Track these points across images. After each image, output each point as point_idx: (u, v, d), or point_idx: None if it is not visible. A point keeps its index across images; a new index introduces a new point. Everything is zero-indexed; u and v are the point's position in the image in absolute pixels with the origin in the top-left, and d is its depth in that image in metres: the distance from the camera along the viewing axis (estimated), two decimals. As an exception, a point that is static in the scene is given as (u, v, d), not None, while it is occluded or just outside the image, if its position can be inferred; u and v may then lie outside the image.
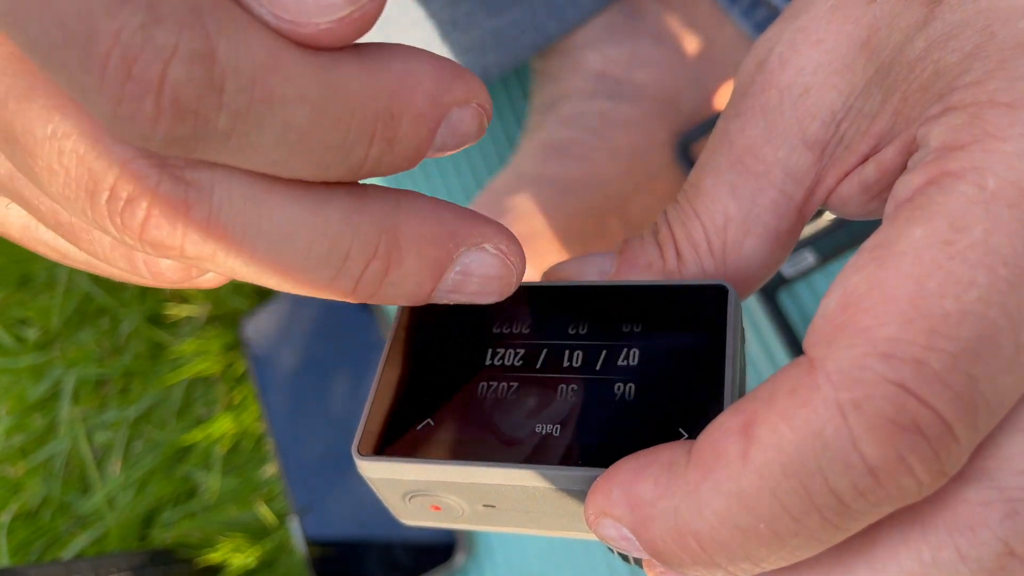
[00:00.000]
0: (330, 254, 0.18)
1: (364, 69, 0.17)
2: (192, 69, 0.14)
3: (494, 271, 0.20)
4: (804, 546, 0.16)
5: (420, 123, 0.17)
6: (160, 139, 0.15)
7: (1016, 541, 0.15)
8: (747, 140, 0.22)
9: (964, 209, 0.15)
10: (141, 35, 0.14)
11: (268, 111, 0.15)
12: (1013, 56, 0.17)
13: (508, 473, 0.20)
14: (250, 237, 0.17)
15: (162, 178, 0.16)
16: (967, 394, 0.15)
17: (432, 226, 0.19)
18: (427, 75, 0.17)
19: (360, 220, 0.18)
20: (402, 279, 0.19)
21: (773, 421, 0.15)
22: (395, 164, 0.18)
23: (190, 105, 0.15)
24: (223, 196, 0.17)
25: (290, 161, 0.16)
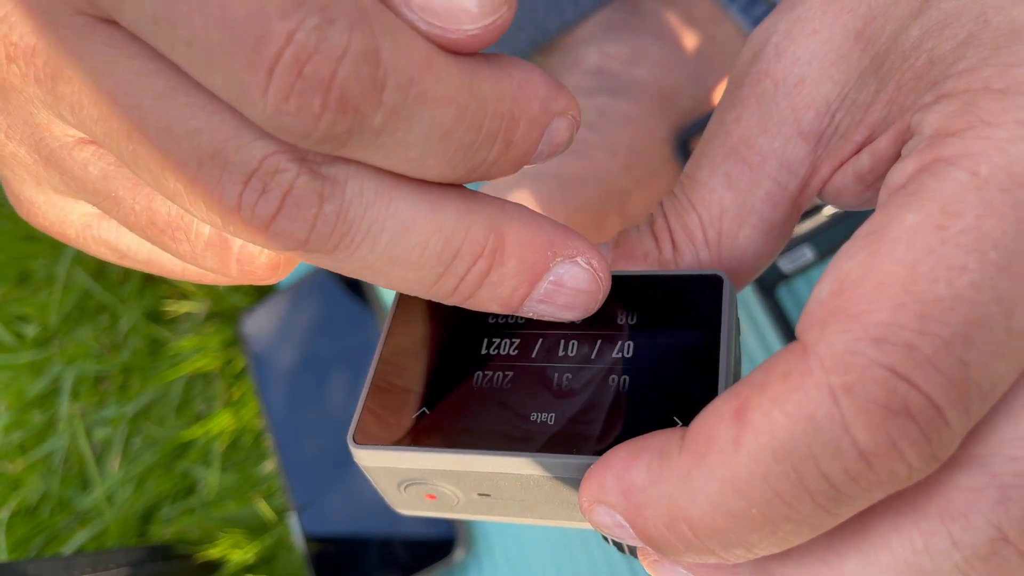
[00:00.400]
0: (443, 250, 0.19)
1: (494, 73, 0.18)
2: (360, 68, 0.15)
3: (584, 285, 0.21)
4: (796, 531, 0.16)
5: (533, 127, 0.19)
6: (319, 134, 0.16)
7: (1009, 527, 0.15)
8: (742, 131, 0.22)
9: (957, 195, 0.15)
10: (316, 35, 0.15)
11: (419, 110, 0.16)
12: (1007, 43, 0.17)
13: (503, 461, 0.20)
14: (374, 232, 0.18)
15: (301, 171, 0.17)
16: (958, 379, 0.15)
17: (534, 233, 0.20)
18: (540, 84, 0.19)
19: (473, 219, 0.19)
20: (500, 280, 0.20)
21: (765, 406, 0.15)
22: (505, 168, 0.19)
23: (354, 102, 0.16)
24: (355, 191, 0.18)
25: (426, 159, 0.17)
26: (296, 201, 0.17)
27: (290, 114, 0.15)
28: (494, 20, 0.17)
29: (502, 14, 0.17)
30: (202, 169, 0.17)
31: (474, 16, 0.17)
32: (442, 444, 0.21)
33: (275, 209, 0.17)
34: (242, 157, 0.17)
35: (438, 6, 0.16)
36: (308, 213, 0.17)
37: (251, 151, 0.17)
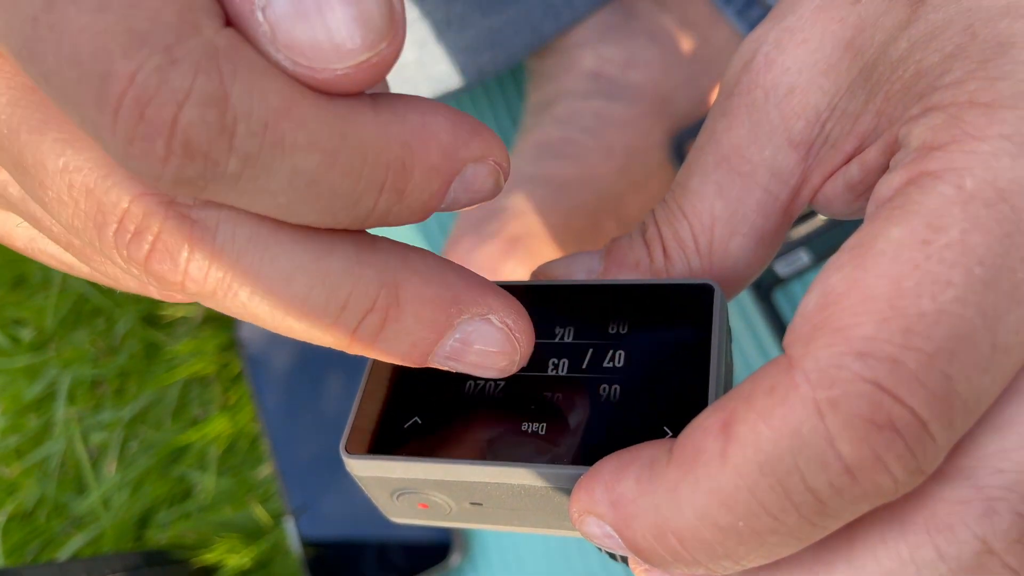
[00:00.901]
0: (328, 302, 0.17)
1: (378, 119, 0.17)
2: (205, 112, 0.14)
3: (495, 345, 0.19)
4: (783, 544, 0.16)
5: (432, 177, 0.17)
6: (169, 179, 0.15)
7: (994, 538, 0.16)
8: (733, 140, 0.22)
9: (942, 209, 0.15)
10: (156, 77, 0.14)
11: (278, 156, 0.15)
12: (994, 56, 0.17)
13: (494, 471, 0.20)
14: (250, 278, 0.17)
15: (168, 215, 0.16)
16: (943, 393, 0.15)
17: (436, 288, 0.19)
18: (443, 129, 0.17)
19: (361, 271, 0.18)
20: (398, 336, 0.18)
21: (752, 420, 0.16)
22: (403, 216, 0.18)
23: (200, 148, 0.15)
24: (227, 236, 0.17)
25: (297, 206, 0.16)
26: (165, 245, 0.17)
27: (136, 157, 0.15)
28: (368, 58, 0.16)
29: (379, 51, 0.16)
30: (78, 207, 0.17)
31: (343, 54, 0.15)
32: (434, 454, 0.21)
33: (146, 253, 0.17)
34: (111, 198, 0.16)
35: (303, 43, 0.15)
36: (179, 258, 0.17)
37: (119, 192, 0.16)
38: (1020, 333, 0.15)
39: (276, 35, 0.15)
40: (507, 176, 0.19)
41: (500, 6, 0.48)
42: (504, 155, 0.19)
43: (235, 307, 0.18)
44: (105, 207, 0.16)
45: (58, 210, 0.17)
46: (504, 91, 0.64)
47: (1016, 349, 0.15)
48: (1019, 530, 0.16)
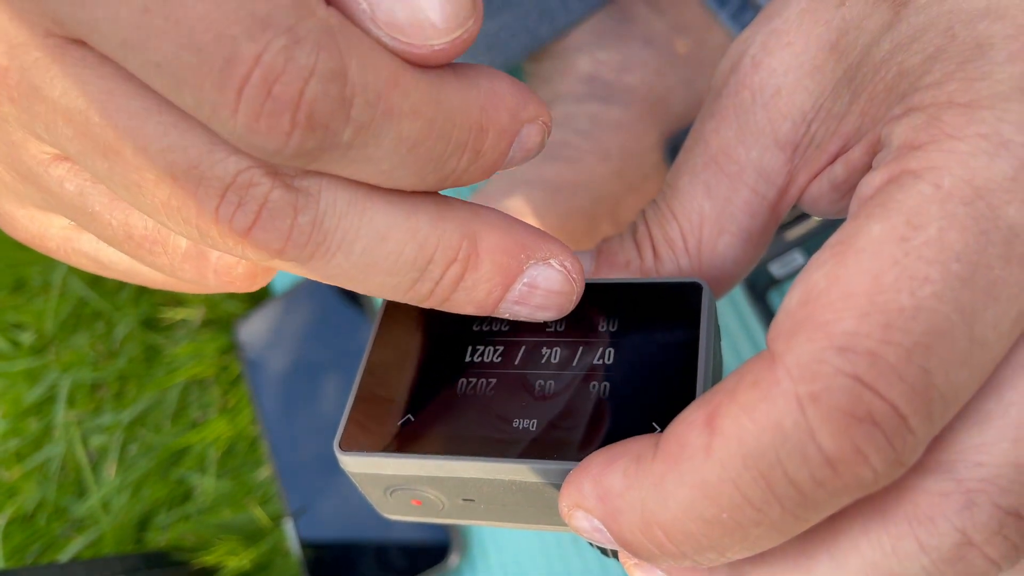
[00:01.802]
0: (417, 257, 0.19)
1: (461, 85, 0.18)
2: (328, 87, 0.16)
3: (557, 286, 0.21)
4: (767, 536, 0.16)
5: (503, 136, 0.19)
6: (290, 151, 0.16)
7: (973, 530, 0.16)
8: (721, 141, 0.22)
9: (921, 207, 0.16)
10: (283, 56, 0.15)
11: (388, 124, 0.17)
12: (972, 57, 0.17)
13: (486, 467, 0.21)
14: (348, 240, 0.18)
15: (275, 185, 0.17)
16: (921, 386, 0.15)
17: (507, 237, 0.20)
18: (508, 92, 0.19)
19: (445, 226, 0.19)
20: (475, 284, 0.20)
21: (735, 414, 0.16)
22: (475, 175, 0.19)
23: (322, 120, 0.16)
24: (329, 202, 0.18)
25: (396, 171, 0.18)
26: (271, 213, 0.18)
27: (261, 133, 0.16)
28: (460, 34, 0.17)
29: (467, 27, 0.17)
30: (178, 185, 0.17)
31: (439, 31, 0.17)
32: (426, 450, 0.21)
33: (251, 221, 0.18)
34: (216, 173, 0.17)
35: (403, 22, 0.17)
36: (283, 224, 0.18)
37: (225, 167, 0.17)
38: (997, 328, 0.15)
39: (376, 14, 0.17)
40: (550, 133, 0.21)
41: (496, 10, 0.48)
42: (549, 114, 0.20)
43: (328, 269, 0.19)
44: (209, 182, 0.17)
45: (153, 192, 0.18)
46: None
47: (994, 344, 0.15)
48: (998, 522, 0.16)
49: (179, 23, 0.15)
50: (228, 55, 0.15)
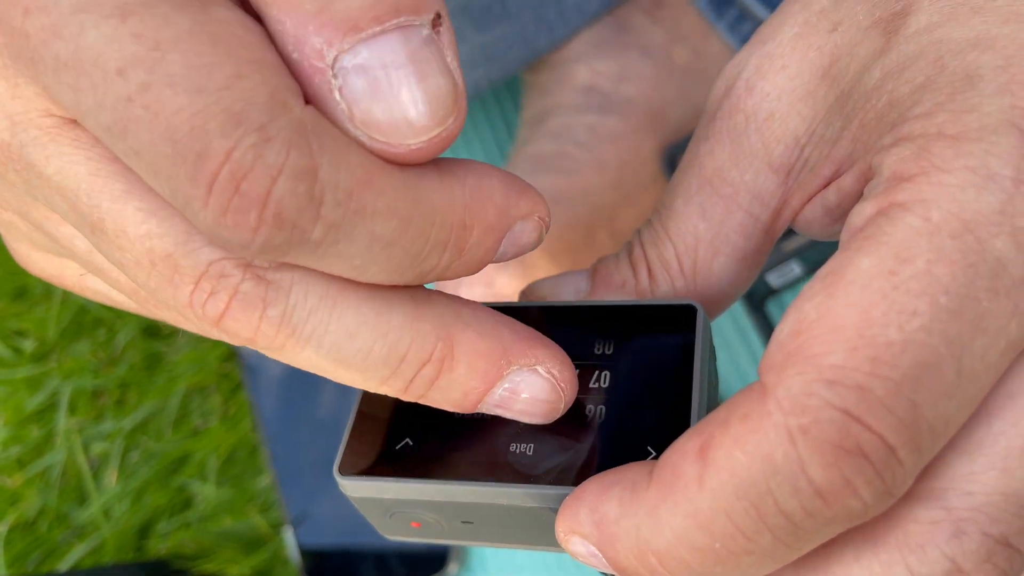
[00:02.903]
0: (388, 356, 0.19)
1: (443, 183, 0.18)
2: (297, 185, 0.15)
3: (542, 394, 0.20)
4: (759, 564, 0.16)
5: (489, 234, 0.19)
6: (257, 247, 0.16)
7: (963, 559, 0.16)
8: (715, 163, 0.22)
9: (909, 240, 0.16)
10: (252, 154, 0.15)
11: (360, 223, 0.16)
12: (961, 89, 0.17)
13: (483, 492, 0.21)
14: (318, 335, 0.18)
15: (245, 277, 0.17)
16: (910, 419, 0.15)
17: (488, 341, 0.20)
18: (497, 190, 0.19)
19: (420, 326, 0.19)
20: (451, 385, 0.20)
21: (727, 445, 0.16)
22: (459, 271, 0.19)
23: (290, 218, 0.16)
24: (299, 296, 0.18)
25: (369, 267, 0.17)
26: (241, 304, 0.17)
27: (228, 227, 0.16)
28: (439, 133, 0.17)
29: (447, 126, 0.17)
30: (155, 269, 0.18)
31: (417, 131, 0.17)
32: (425, 475, 0.21)
33: (221, 311, 0.18)
34: (190, 262, 0.17)
35: (381, 121, 0.16)
36: (253, 316, 0.18)
37: (199, 256, 0.17)
38: (985, 360, 0.16)
39: (353, 113, 0.16)
40: (548, 229, 0.20)
41: (494, 22, 0.48)
42: (546, 210, 0.20)
43: (299, 360, 0.19)
44: (183, 270, 0.17)
45: (134, 271, 0.18)
46: (501, 104, 0.64)
47: (982, 375, 0.16)
48: (987, 550, 0.16)
49: (157, 115, 0.15)
50: (200, 149, 0.15)
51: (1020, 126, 0.16)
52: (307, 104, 0.16)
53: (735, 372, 0.52)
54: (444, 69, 0.17)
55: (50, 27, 0.16)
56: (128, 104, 0.15)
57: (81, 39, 0.15)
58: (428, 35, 0.16)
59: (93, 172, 0.17)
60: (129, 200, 0.17)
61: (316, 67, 0.16)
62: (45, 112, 0.17)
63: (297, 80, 0.16)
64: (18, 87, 0.17)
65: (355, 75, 0.16)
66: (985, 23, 0.18)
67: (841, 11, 0.21)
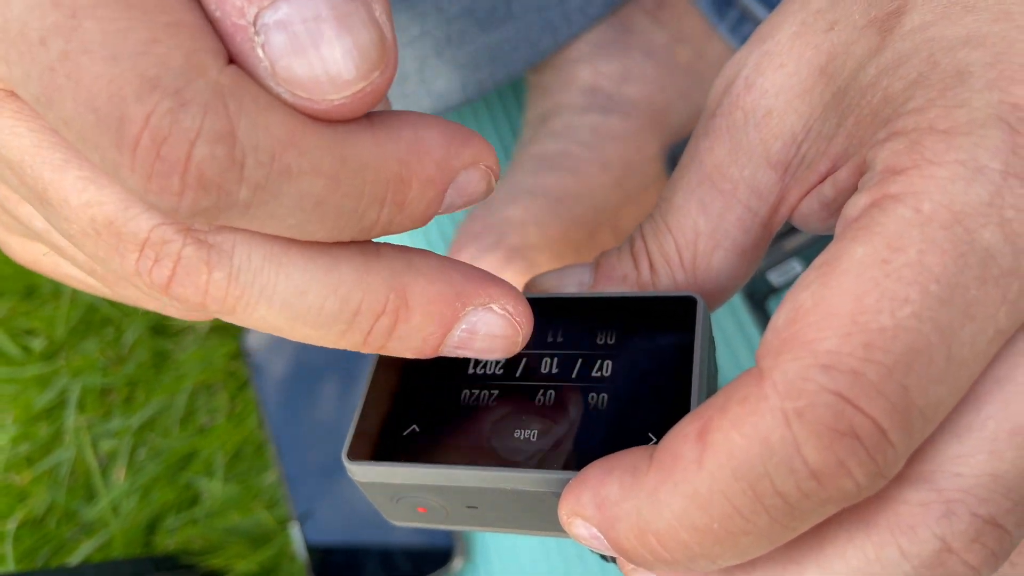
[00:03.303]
0: (341, 310, 0.19)
1: (375, 139, 0.18)
2: (215, 148, 0.15)
3: (499, 330, 0.21)
4: (755, 544, 0.17)
5: (429, 187, 0.19)
6: (185, 211, 0.16)
7: (953, 538, 0.17)
8: (715, 159, 0.23)
9: (901, 230, 0.16)
10: (169, 119, 0.15)
11: (285, 183, 0.16)
12: (952, 85, 0.18)
13: (488, 476, 0.21)
14: (267, 294, 0.18)
15: (186, 241, 0.18)
16: (901, 403, 0.16)
17: (440, 285, 0.20)
18: (435, 143, 0.19)
19: (370, 279, 0.19)
20: (409, 334, 0.20)
21: (725, 428, 0.17)
22: (405, 224, 0.19)
23: (213, 180, 0.16)
24: (242, 257, 0.18)
25: (306, 226, 0.17)
26: (185, 269, 0.18)
27: (154, 192, 0.16)
28: (363, 88, 0.17)
29: (372, 80, 0.17)
30: (100, 238, 0.18)
31: (339, 85, 0.16)
32: (431, 460, 0.22)
33: (167, 277, 0.18)
34: (131, 229, 0.18)
35: (303, 77, 0.16)
36: (199, 280, 0.18)
37: (139, 223, 0.17)
38: (974, 346, 0.16)
39: (275, 70, 0.16)
40: (497, 177, 0.20)
41: (498, 23, 0.49)
42: (493, 158, 0.20)
43: (253, 321, 0.19)
44: (126, 237, 0.18)
45: (82, 241, 0.18)
46: (505, 104, 0.65)
47: (971, 361, 0.16)
48: (976, 530, 0.17)
49: (79, 83, 0.15)
50: (120, 116, 0.15)
51: (1008, 120, 0.17)
52: (230, 64, 0.16)
53: (736, 367, 0.53)
54: (370, 20, 0.16)
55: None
56: (52, 73, 0.15)
57: (8, 10, 0.16)
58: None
59: (35, 143, 0.18)
60: (68, 169, 0.17)
61: (238, 25, 0.16)
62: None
63: (221, 39, 0.16)
64: None
65: (276, 31, 0.16)
66: (976, 21, 0.18)
67: (838, 10, 0.22)
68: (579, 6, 0.50)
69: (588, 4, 0.50)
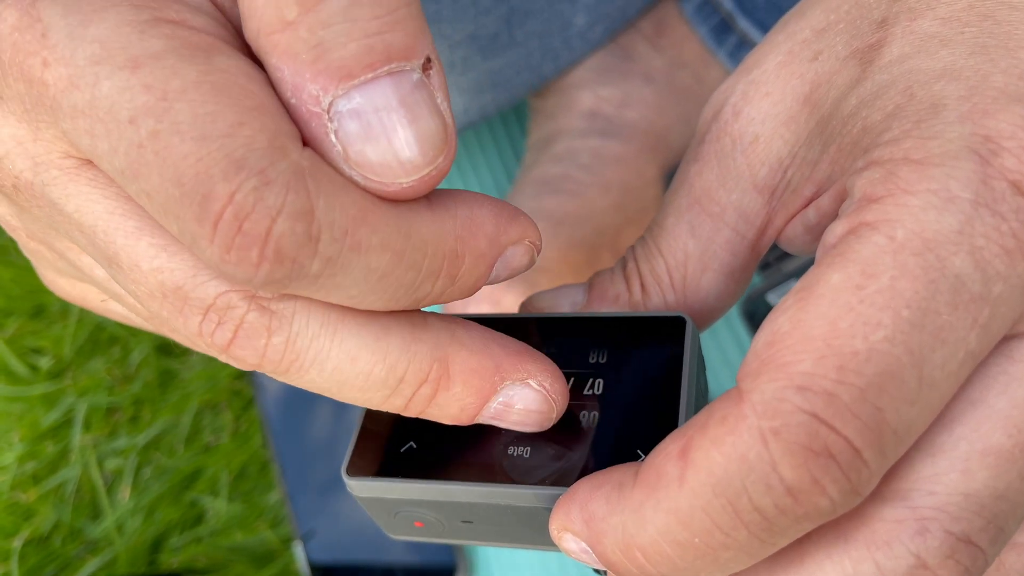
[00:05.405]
0: (388, 377, 0.20)
1: (435, 216, 0.19)
2: (295, 225, 0.16)
3: (534, 406, 0.22)
4: (736, 559, 0.17)
5: (480, 261, 0.20)
6: (259, 281, 0.17)
7: (927, 555, 0.17)
8: (704, 183, 0.24)
9: (875, 257, 0.17)
10: (253, 197, 0.16)
11: (355, 257, 0.17)
12: (927, 116, 0.18)
13: (482, 492, 0.22)
14: (320, 360, 0.19)
15: (250, 308, 0.19)
16: (874, 423, 0.16)
17: (481, 358, 0.21)
18: (488, 219, 0.20)
19: (417, 348, 0.20)
20: (448, 402, 0.21)
21: (706, 446, 0.17)
22: (454, 296, 0.20)
23: (289, 254, 0.17)
24: (301, 324, 0.19)
25: (366, 296, 0.18)
26: (247, 333, 0.19)
27: (232, 264, 0.17)
28: (429, 171, 0.18)
29: (437, 165, 0.18)
30: (167, 300, 0.19)
31: (409, 170, 0.18)
32: (428, 476, 0.22)
33: (229, 339, 0.19)
34: (199, 295, 0.19)
35: (374, 162, 0.17)
36: (258, 343, 0.19)
37: (206, 289, 0.19)
38: (945, 369, 0.17)
39: (348, 154, 0.17)
40: (540, 252, 0.21)
41: (501, 49, 0.50)
42: (537, 234, 0.21)
43: (304, 382, 0.20)
44: (192, 301, 0.19)
45: (148, 301, 0.19)
46: (507, 127, 0.66)
47: (942, 383, 0.17)
48: (950, 547, 0.17)
49: (166, 160, 0.16)
50: (206, 192, 0.16)
51: (979, 152, 0.17)
52: (305, 146, 0.17)
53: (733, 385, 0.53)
54: (434, 110, 0.18)
55: (67, 78, 0.17)
56: (140, 150, 0.16)
57: (96, 89, 0.17)
58: (419, 79, 0.17)
59: (109, 210, 0.19)
60: (142, 237, 0.19)
61: (313, 112, 0.17)
62: (64, 154, 0.19)
63: (295, 123, 0.17)
64: (39, 131, 0.18)
65: (349, 119, 0.17)
66: (952, 55, 0.19)
67: (822, 41, 0.22)
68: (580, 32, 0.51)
69: (589, 30, 0.51)
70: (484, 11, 0.47)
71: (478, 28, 0.48)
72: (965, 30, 0.19)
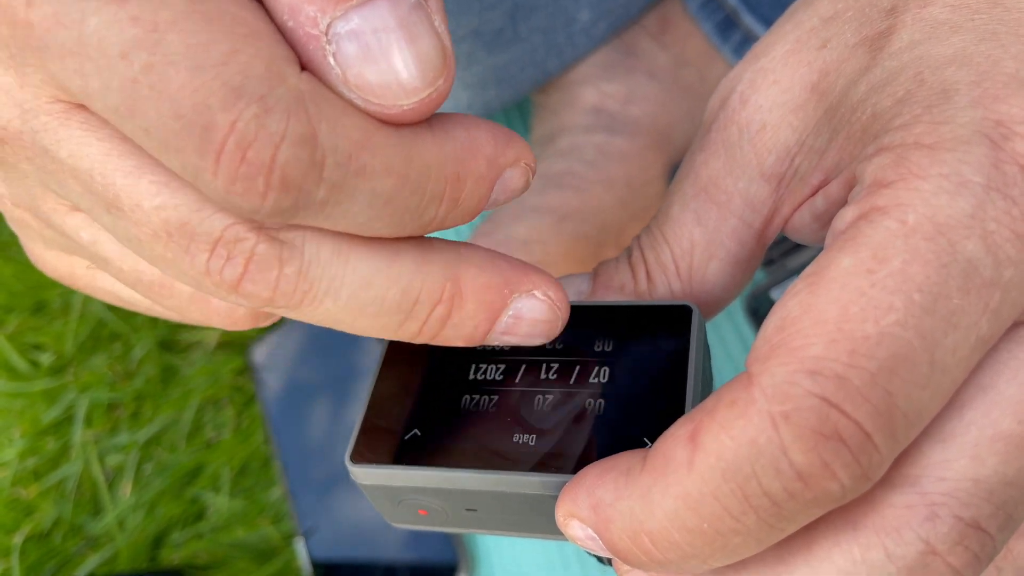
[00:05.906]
0: (402, 300, 0.20)
1: (436, 139, 0.19)
2: (299, 151, 0.16)
3: (542, 315, 0.22)
4: (745, 544, 0.17)
5: (481, 183, 0.20)
6: (267, 211, 0.17)
7: (936, 540, 0.17)
8: (710, 172, 0.24)
9: (886, 241, 0.17)
10: (255, 124, 0.16)
11: (360, 182, 0.17)
12: (938, 102, 0.18)
13: (487, 479, 0.22)
14: (335, 288, 0.19)
15: (259, 239, 0.18)
16: (885, 407, 0.16)
17: (490, 274, 0.21)
18: (486, 141, 0.20)
19: (428, 269, 0.20)
20: (462, 321, 0.21)
21: (715, 431, 0.17)
22: (457, 219, 0.20)
23: (295, 182, 0.17)
24: (312, 253, 0.19)
25: (373, 222, 0.18)
26: (258, 265, 0.18)
27: (238, 194, 0.16)
28: (429, 93, 0.18)
29: (437, 87, 0.18)
30: (171, 240, 0.18)
31: (409, 92, 0.17)
32: (431, 463, 0.22)
33: (239, 274, 0.18)
34: (205, 229, 0.18)
35: (374, 84, 0.17)
36: (270, 275, 0.19)
37: (213, 223, 0.18)
38: (957, 353, 0.17)
39: (347, 77, 0.17)
40: (535, 173, 0.21)
41: (505, 45, 0.50)
42: (531, 156, 0.21)
43: (318, 315, 0.20)
44: (199, 237, 0.18)
45: (151, 244, 0.19)
46: (511, 124, 0.66)
47: (953, 368, 0.17)
48: (959, 533, 0.17)
49: (162, 93, 0.16)
50: (206, 123, 0.16)
51: (991, 136, 0.17)
52: (303, 71, 0.17)
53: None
54: (432, 31, 0.17)
55: (53, 16, 0.16)
56: (134, 85, 0.16)
57: (84, 26, 0.16)
58: (416, 0, 0.17)
59: (105, 152, 0.18)
60: (142, 175, 0.18)
61: (310, 34, 0.17)
62: (53, 98, 0.18)
63: (293, 47, 0.17)
64: (25, 76, 0.18)
65: (347, 40, 0.17)
66: (963, 41, 0.19)
67: (830, 29, 0.22)
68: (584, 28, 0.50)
69: (593, 26, 0.51)
70: (488, 7, 0.46)
71: (482, 23, 0.48)
72: (975, 17, 0.19)
